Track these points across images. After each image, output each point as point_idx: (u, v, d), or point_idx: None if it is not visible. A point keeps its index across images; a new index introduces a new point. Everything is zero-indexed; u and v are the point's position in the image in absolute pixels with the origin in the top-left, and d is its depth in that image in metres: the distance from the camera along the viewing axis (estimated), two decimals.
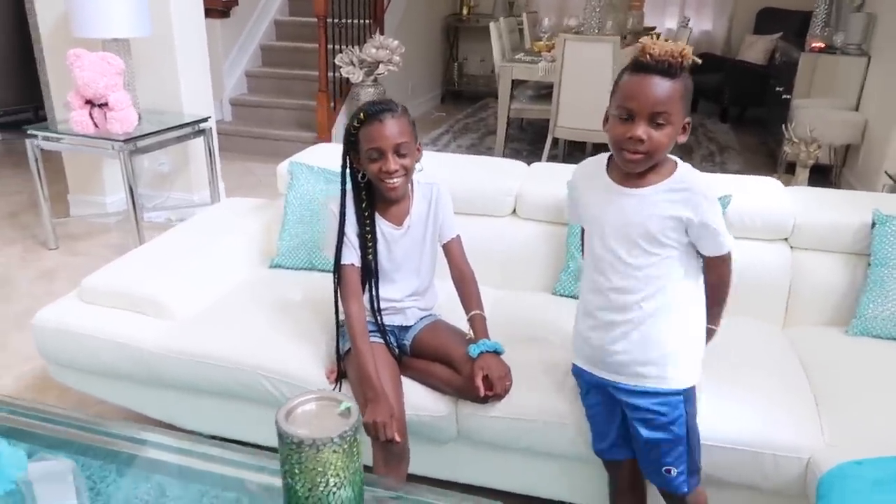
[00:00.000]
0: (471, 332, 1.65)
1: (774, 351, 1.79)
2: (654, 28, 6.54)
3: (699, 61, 1.34)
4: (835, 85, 4.61)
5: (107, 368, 1.90)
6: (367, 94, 4.90)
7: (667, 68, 1.24)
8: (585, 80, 4.15)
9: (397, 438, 1.47)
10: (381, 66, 4.82)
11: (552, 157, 4.81)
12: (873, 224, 1.87)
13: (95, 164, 3.77)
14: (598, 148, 5.08)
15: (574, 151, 5.24)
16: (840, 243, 1.94)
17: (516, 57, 4.89)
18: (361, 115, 1.54)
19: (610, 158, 1.41)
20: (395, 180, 1.57)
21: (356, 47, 4.92)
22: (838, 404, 1.57)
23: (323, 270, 2.13)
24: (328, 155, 2.37)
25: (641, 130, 1.25)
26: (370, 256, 1.64)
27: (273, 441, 0.94)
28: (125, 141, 3.07)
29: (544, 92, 5.14)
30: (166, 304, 1.90)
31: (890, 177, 2.81)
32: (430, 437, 1.67)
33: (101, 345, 1.86)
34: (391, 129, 1.52)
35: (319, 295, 1.99)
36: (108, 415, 2.16)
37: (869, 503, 1.23)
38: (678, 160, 1.37)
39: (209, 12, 4.83)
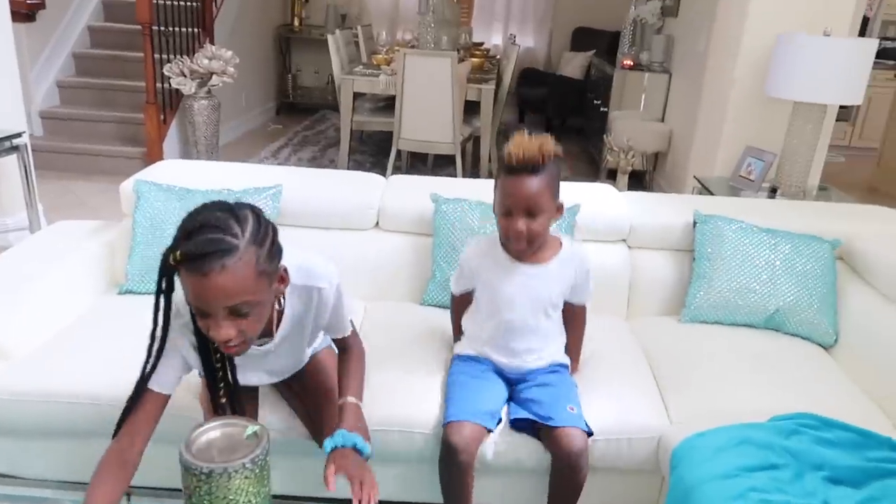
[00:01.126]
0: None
1: (621, 343, 1.97)
2: (482, 44, 6.87)
3: (559, 154, 1.52)
4: (643, 98, 5.14)
5: None
6: (201, 107, 4.68)
7: (531, 168, 1.47)
8: (426, 94, 4.27)
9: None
10: (214, 77, 4.63)
11: (396, 169, 4.89)
12: (695, 223, 2.13)
13: None
14: (439, 159, 5.25)
15: (416, 163, 5.36)
16: (669, 241, 2.19)
17: (356, 70, 4.92)
18: (177, 254, 1.08)
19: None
20: (234, 348, 1.17)
21: (186, 57, 4.68)
22: (678, 385, 1.78)
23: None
24: (176, 171, 2.27)
25: (520, 224, 1.50)
26: (231, 381, 1.32)
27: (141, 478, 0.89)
28: None
29: (382, 104, 5.22)
30: (0, 340, 1.70)
31: (698, 181, 3.20)
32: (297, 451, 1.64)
33: None
34: (221, 283, 1.06)
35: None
36: None
37: (713, 467, 1.40)
38: (560, 235, 1.68)
39: (12, 15, 4.36)
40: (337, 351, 1.54)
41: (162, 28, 4.77)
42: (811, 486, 1.34)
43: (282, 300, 1.30)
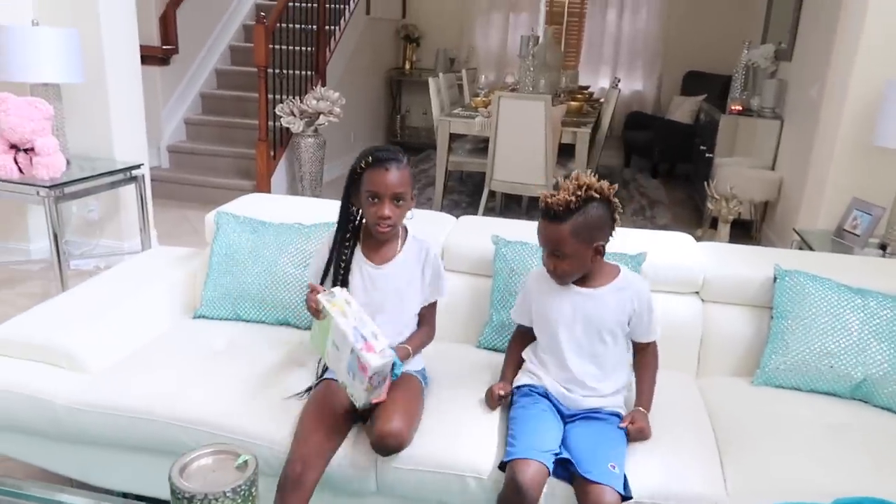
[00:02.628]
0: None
1: (684, 402, 1.85)
2: (587, 87, 6.84)
3: (607, 196, 1.59)
4: (753, 145, 4.89)
5: (15, 424, 1.83)
6: (308, 144, 4.94)
7: (553, 215, 1.58)
8: (519, 136, 4.29)
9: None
10: (321, 116, 4.89)
11: (489, 210, 4.92)
12: (775, 278, 1.98)
13: (20, 210, 3.66)
14: (533, 201, 5.22)
15: (511, 204, 5.37)
16: (746, 296, 2.04)
17: (454, 111, 5.03)
18: (369, 157, 1.64)
19: None
20: (386, 226, 1.67)
21: (297, 98, 4.98)
22: (741, 454, 1.63)
23: (248, 321, 2.12)
24: (257, 205, 2.39)
25: (550, 262, 1.64)
26: (339, 285, 1.71)
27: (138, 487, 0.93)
28: (51, 187, 3.01)
29: (482, 146, 5.28)
30: (81, 355, 1.85)
31: (797, 234, 2.99)
32: (350, 490, 1.66)
33: (9, 398, 1.79)
34: (393, 177, 1.62)
35: (244, 344, 1.98)
36: (14, 473, 2.07)
37: None
38: (620, 265, 1.74)
39: (148, 59, 4.85)
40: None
41: (277, 70, 5.11)
42: None
43: (404, 234, 1.78)
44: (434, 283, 1.80)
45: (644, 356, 1.75)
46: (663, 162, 6.87)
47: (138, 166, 3.51)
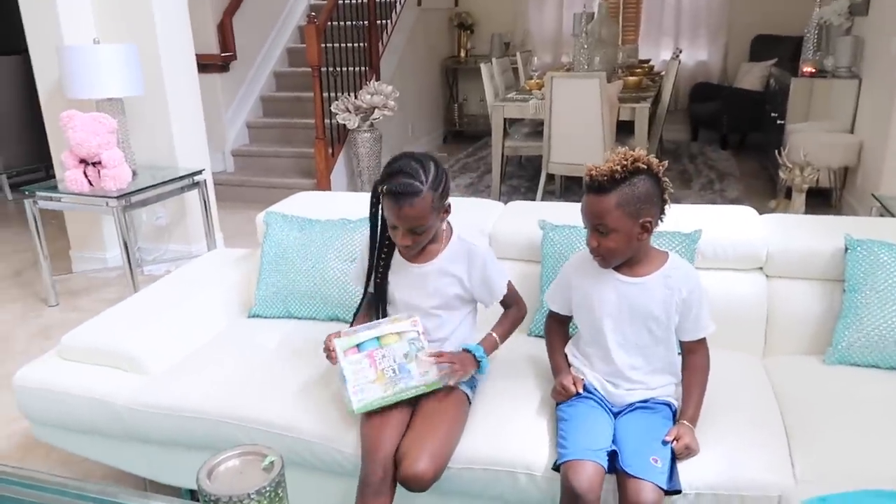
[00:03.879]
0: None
1: (749, 384, 1.75)
2: (648, 61, 6.60)
3: (654, 169, 1.49)
4: (829, 108, 4.60)
5: (85, 426, 1.91)
6: (364, 139, 4.98)
7: (597, 187, 1.49)
8: (574, 116, 4.18)
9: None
10: (376, 111, 4.91)
11: (549, 194, 4.82)
12: (846, 249, 1.84)
13: (94, 221, 3.85)
14: None
15: (572, 185, 5.25)
16: (814, 270, 1.91)
17: (508, 96, 4.96)
18: (384, 187, 1.56)
19: None
20: (408, 251, 1.66)
21: (352, 94, 5.02)
22: (811, 438, 1.53)
23: (300, 318, 2.15)
24: (306, 203, 2.42)
25: (592, 239, 1.55)
26: (378, 280, 1.73)
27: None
28: (118, 197, 3.14)
29: (539, 129, 5.18)
30: (140, 358, 1.91)
31: (877, 199, 2.78)
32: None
33: (77, 402, 1.87)
34: (408, 213, 1.55)
35: (296, 342, 2.01)
36: (92, 473, 2.18)
37: None
38: (669, 252, 1.63)
39: (208, 67, 5.00)
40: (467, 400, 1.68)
41: (331, 69, 5.16)
42: None
43: (445, 224, 1.71)
44: (485, 285, 1.72)
45: (692, 358, 1.61)
46: (733, 133, 6.57)
47: (200, 172, 3.62)
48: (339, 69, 5.24)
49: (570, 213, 2.09)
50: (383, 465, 1.51)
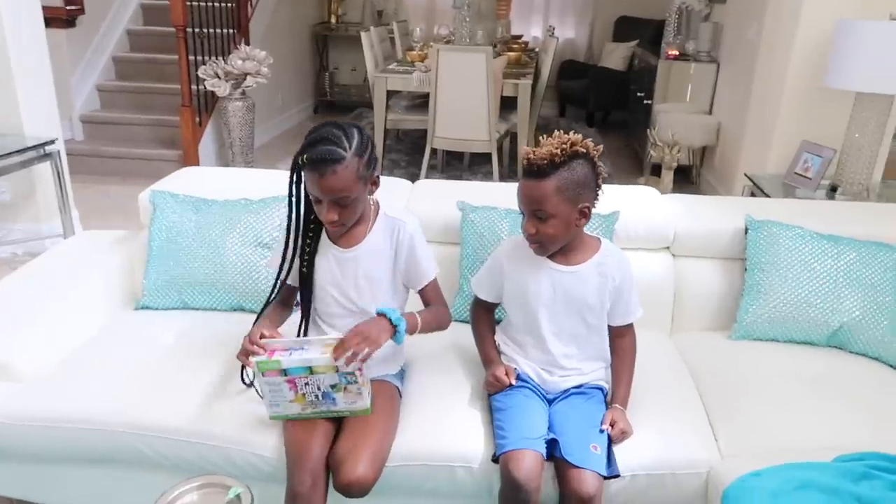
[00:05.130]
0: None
1: (664, 362, 1.81)
2: (520, 37, 6.69)
3: (592, 154, 1.47)
4: (689, 90, 4.89)
5: None
6: (236, 108, 4.64)
7: (536, 171, 1.43)
8: (461, 90, 4.14)
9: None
10: (248, 78, 4.58)
11: (431, 168, 4.77)
12: (746, 229, 1.95)
13: None
14: (475, 157, 5.11)
15: (453, 161, 5.23)
16: (718, 249, 2.01)
17: (389, 67, 4.82)
18: (305, 156, 1.40)
19: None
20: (333, 227, 1.50)
21: (220, 59, 4.65)
22: (730, 413, 1.61)
23: (198, 309, 1.95)
24: (196, 180, 2.20)
25: (530, 225, 1.48)
26: (303, 268, 1.57)
27: None
28: None
29: (418, 102, 5.10)
30: (11, 363, 1.65)
31: (750, 179, 2.99)
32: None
33: None
34: (331, 183, 1.40)
35: (197, 336, 1.82)
36: None
37: None
38: (601, 239, 1.62)
39: (52, 22, 4.41)
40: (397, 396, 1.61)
41: (197, 30, 4.74)
42: None
43: (372, 199, 1.58)
44: (412, 266, 1.60)
45: (621, 342, 1.62)
46: (598, 110, 6.85)
47: (52, 142, 3.19)
48: (204, 31, 4.83)
49: (487, 193, 2.06)
50: (312, 473, 1.40)
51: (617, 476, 1.44)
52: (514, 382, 1.55)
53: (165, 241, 1.95)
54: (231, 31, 5.16)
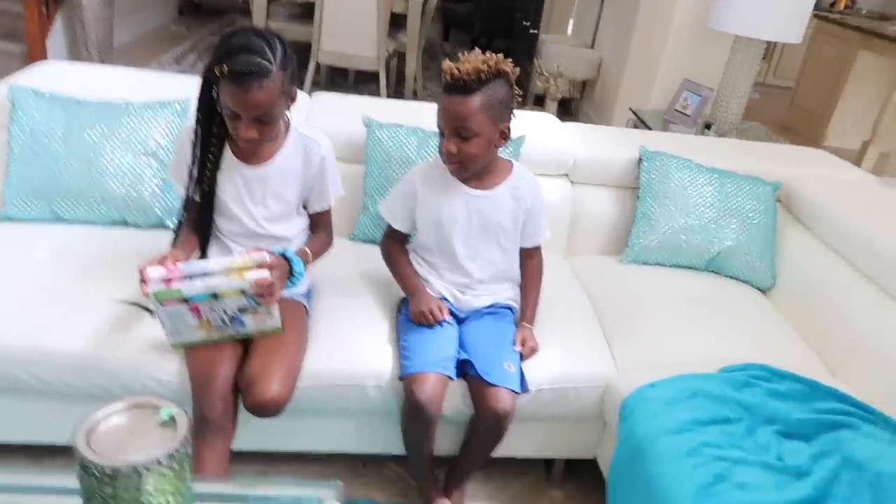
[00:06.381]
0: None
1: (563, 284, 1.88)
2: None
3: (509, 75, 1.44)
4: (573, 23, 4.96)
5: None
6: (92, 3, 4.12)
7: (462, 86, 1.38)
8: (349, 2, 3.92)
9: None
10: None
11: (314, 85, 4.54)
12: (640, 160, 2.03)
13: None
14: (361, 75, 4.92)
15: (336, 78, 5.02)
16: (612, 177, 2.09)
17: None
18: (224, 67, 1.27)
19: None
20: (248, 142, 1.38)
21: None
22: (623, 331, 1.71)
23: (72, 222, 1.75)
24: (62, 76, 1.95)
25: (451, 144, 1.43)
26: (205, 186, 1.46)
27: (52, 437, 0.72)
28: None
29: (300, 10, 4.79)
30: None
31: (634, 113, 3.11)
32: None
33: None
34: (256, 98, 1.29)
35: (76, 251, 1.65)
36: None
37: (665, 421, 1.35)
38: (513, 162, 1.61)
39: None
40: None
41: None
42: (764, 441, 1.31)
43: (287, 115, 1.47)
44: (317, 189, 1.54)
45: (530, 263, 1.65)
46: (483, 36, 6.80)
47: None
48: None
49: (391, 110, 2.00)
50: (222, 397, 1.33)
51: (527, 392, 1.50)
52: (446, 318, 1.52)
53: (29, 143, 1.71)
54: None
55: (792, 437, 1.33)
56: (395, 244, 1.65)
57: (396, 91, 4.75)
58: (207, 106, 1.40)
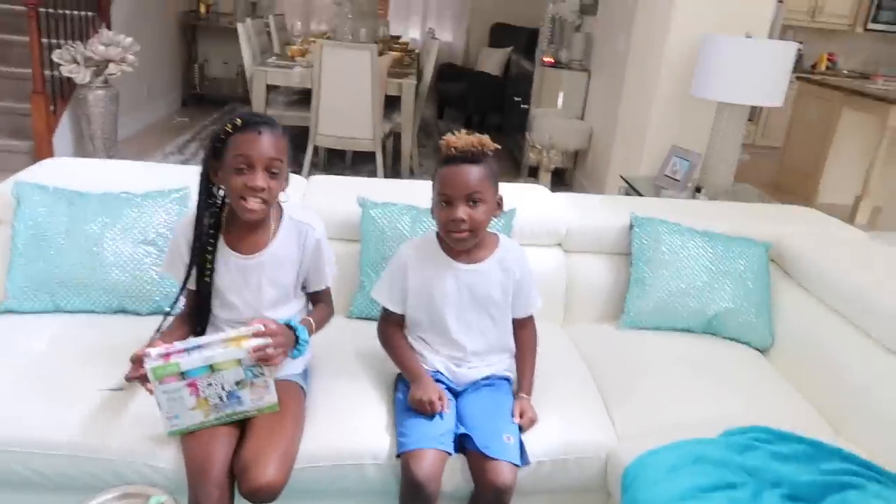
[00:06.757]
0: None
1: (560, 352, 1.89)
2: (399, 37, 6.71)
3: (498, 147, 1.53)
4: (563, 96, 5.12)
5: None
6: (97, 98, 4.30)
7: (471, 156, 1.46)
8: (345, 87, 4.08)
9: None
10: (111, 65, 4.26)
11: (313, 167, 4.67)
12: (631, 226, 2.07)
13: None
14: (358, 156, 5.06)
15: (334, 160, 5.15)
16: (606, 245, 2.12)
17: (268, 61, 4.65)
18: (238, 120, 1.39)
19: (439, 238, 1.59)
20: (257, 202, 1.41)
21: (78, 43, 4.28)
22: (622, 397, 1.70)
23: (73, 312, 1.78)
24: (63, 173, 2.01)
25: (461, 212, 1.46)
26: (206, 279, 1.49)
27: None
28: None
29: (297, 98, 4.97)
30: None
31: (626, 181, 3.18)
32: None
33: None
34: (267, 142, 1.39)
35: (74, 341, 1.67)
36: None
37: (668, 488, 1.33)
38: (498, 234, 1.65)
39: None
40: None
41: (50, 10, 4.34)
42: None
43: (280, 200, 1.50)
44: (314, 271, 1.57)
45: (523, 333, 1.66)
46: (476, 113, 7.01)
47: None
48: (59, 11, 4.42)
49: (385, 190, 2.05)
50: (218, 484, 1.32)
51: (528, 464, 1.48)
52: (447, 411, 1.49)
53: (32, 237, 1.76)
54: (89, 13, 4.77)
55: (798, 501, 1.30)
56: (392, 328, 1.65)
57: (393, 169, 4.87)
58: (207, 190, 1.47)
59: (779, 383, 1.82)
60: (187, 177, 2.01)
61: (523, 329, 1.67)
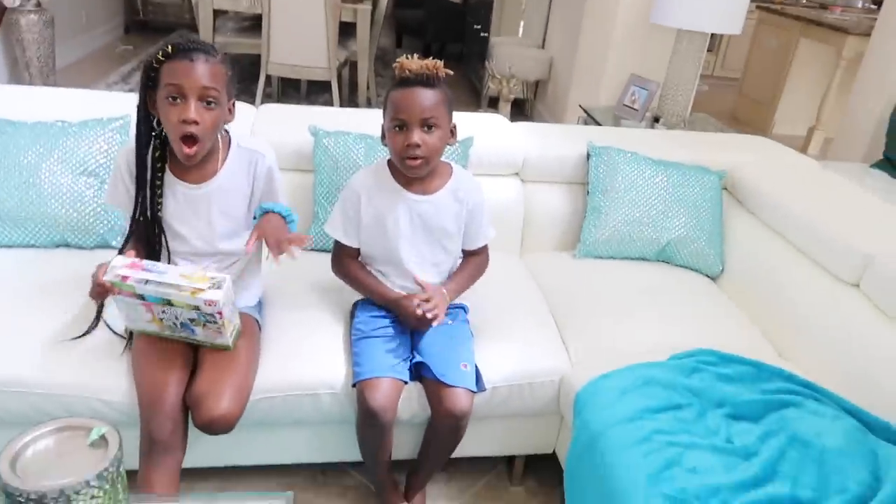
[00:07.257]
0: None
1: (517, 281, 1.90)
2: None
3: (451, 72, 1.48)
4: (523, 25, 5.01)
5: None
6: (30, 22, 4.04)
7: (426, 80, 1.41)
8: (296, 13, 3.90)
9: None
10: None
11: (266, 97, 4.51)
12: (588, 155, 2.06)
13: None
14: (313, 85, 4.90)
15: (288, 90, 4.99)
16: (563, 174, 2.11)
17: None
18: (169, 47, 1.28)
19: (391, 166, 1.55)
20: (193, 135, 1.31)
21: None
22: (577, 324, 1.73)
23: (10, 246, 1.71)
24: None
25: (416, 136, 1.41)
26: (156, 211, 1.42)
27: None
28: None
29: (249, 24, 4.76)
30: None
31: (584, 110, 3.15)
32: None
33: None
34: (202, 70, 1.28)
35: (11, 277, 1.61)
36: None
37: (618, 410, 1.36)
38: (451, 163, 1.60)
39: None
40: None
41: None
42: (714, 424, 1.33)
43: (227, 130, 1.46)
44: (269, 196, 1.50)
45: (475, 258, 1.65)
46: (435, 42, 6.82)
47: None
48: None
49: (337, 119, 1.99)
50: (171, 416, 1.31)
51: (484, 390, 1.50)
52: (424, 313, 1.45)
53: None
54: None
55: (740, 419, 1.35)
56: (348, 260, 1.62)
57: (350, 100, 4.74)
58: (146, 120, 1.37)
59: (728, 309, 1.87)
60: (128, 105, 1.90)
61: (475, 256, 1.66)
